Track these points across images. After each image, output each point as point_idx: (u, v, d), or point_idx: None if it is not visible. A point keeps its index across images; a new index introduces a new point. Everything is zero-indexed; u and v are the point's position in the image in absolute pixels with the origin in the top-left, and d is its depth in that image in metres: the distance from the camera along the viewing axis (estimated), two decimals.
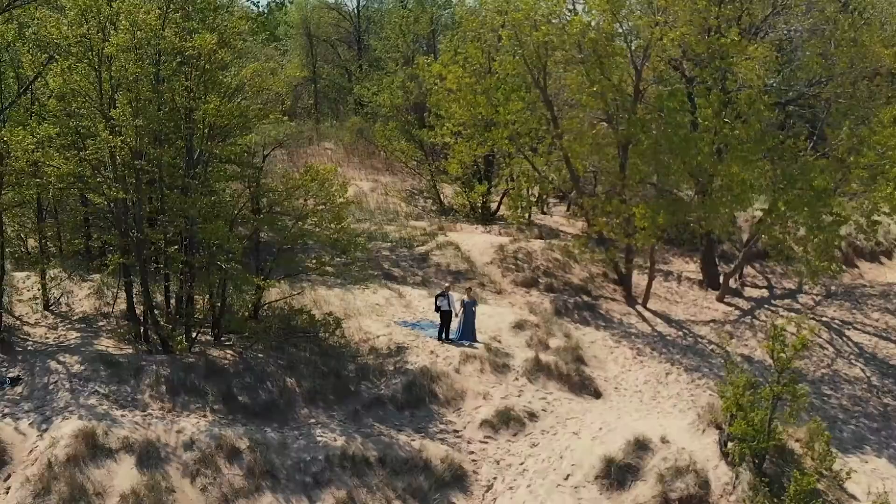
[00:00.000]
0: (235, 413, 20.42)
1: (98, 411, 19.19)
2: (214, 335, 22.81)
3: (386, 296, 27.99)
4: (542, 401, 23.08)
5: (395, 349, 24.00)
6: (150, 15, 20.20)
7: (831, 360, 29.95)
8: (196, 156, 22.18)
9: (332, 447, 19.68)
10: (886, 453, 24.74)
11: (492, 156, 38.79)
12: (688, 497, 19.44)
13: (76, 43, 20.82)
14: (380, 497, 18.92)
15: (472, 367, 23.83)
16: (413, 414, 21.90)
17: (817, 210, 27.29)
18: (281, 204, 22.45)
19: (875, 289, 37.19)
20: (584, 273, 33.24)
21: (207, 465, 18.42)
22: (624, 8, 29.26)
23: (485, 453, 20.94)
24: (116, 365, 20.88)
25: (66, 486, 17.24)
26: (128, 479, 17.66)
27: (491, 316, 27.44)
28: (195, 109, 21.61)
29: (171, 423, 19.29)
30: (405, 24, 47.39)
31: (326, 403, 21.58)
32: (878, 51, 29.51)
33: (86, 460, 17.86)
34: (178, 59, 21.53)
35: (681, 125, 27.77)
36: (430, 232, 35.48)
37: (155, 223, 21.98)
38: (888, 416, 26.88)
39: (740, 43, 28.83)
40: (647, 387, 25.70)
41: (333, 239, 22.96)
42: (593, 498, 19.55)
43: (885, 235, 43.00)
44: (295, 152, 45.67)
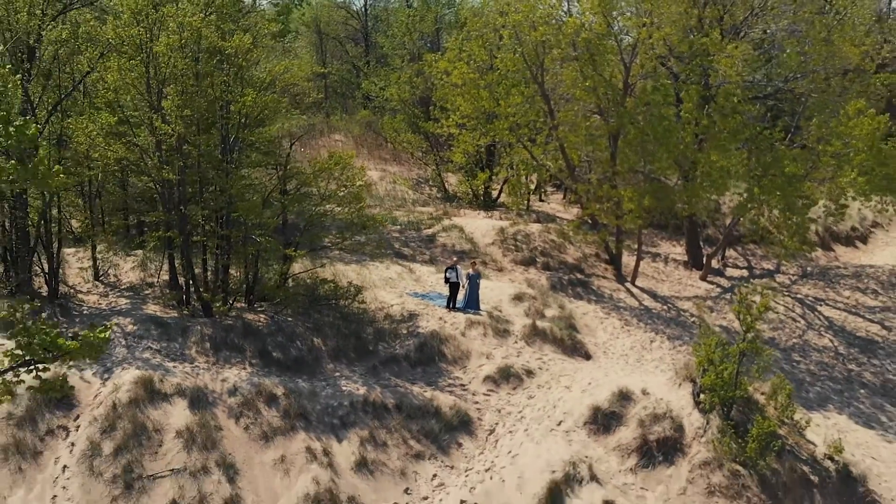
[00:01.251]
0: (270, 367, 23.33)
1: (152, 363, 22.11)
2: (248, 301, 25.71)
3: (398, 271, 30.90)
4: (538, 361, 25.99)
5: (407, 315, 26.91)
6: (195, 18, 23.01)
7: (802, 332, 32.87)
8: (231, 142, 25.03)
9: (355, 395, 22.60)
10: (847, 411, 27.71)
11: (493, 146, 41.63)
12: (664, 439, 22.34)
13: (129, 42, 23.63)
14: (397, 437, 21.83)
15: (477, 332, 26.75)
16: (424, 370, 24.81)
17: (789, 194, 30.12)
18: (308, 185, 25.29)
19: (848, 269, 40.12)
20: (578, 253, 36.13)
21: (249, 408, 21.32)
22: (615, 10, 32.03)
23: (488, 403, 23.86)
24: (165, 325, 23.79)
25: (129, 423, 20.13)
26: (181, 418, 20.56)
27: (492, 289, 30.33)
28: (231, 101, 24.45)
29: (216, 374, 22.21)
30: (411, 23, 50.11)
31: (349, 360, 24.50)
32: (848, 50, 32.31)
33: (145, 403, 20.76)
34: (218, 57, 24.32)
35: (664, 117, 30.60)
36: (435, 216, 38.34)
37: (196, 202, 24.80)
38: (851, 381, 29.82)
39: (720, 42, 31.69)
40: (632, 351, 28.62)
41: (354, 217, 25.76)
42: (582, 440, 22.45)
43: (862, 222, 46.00)
44: (307, 143, 48.49)
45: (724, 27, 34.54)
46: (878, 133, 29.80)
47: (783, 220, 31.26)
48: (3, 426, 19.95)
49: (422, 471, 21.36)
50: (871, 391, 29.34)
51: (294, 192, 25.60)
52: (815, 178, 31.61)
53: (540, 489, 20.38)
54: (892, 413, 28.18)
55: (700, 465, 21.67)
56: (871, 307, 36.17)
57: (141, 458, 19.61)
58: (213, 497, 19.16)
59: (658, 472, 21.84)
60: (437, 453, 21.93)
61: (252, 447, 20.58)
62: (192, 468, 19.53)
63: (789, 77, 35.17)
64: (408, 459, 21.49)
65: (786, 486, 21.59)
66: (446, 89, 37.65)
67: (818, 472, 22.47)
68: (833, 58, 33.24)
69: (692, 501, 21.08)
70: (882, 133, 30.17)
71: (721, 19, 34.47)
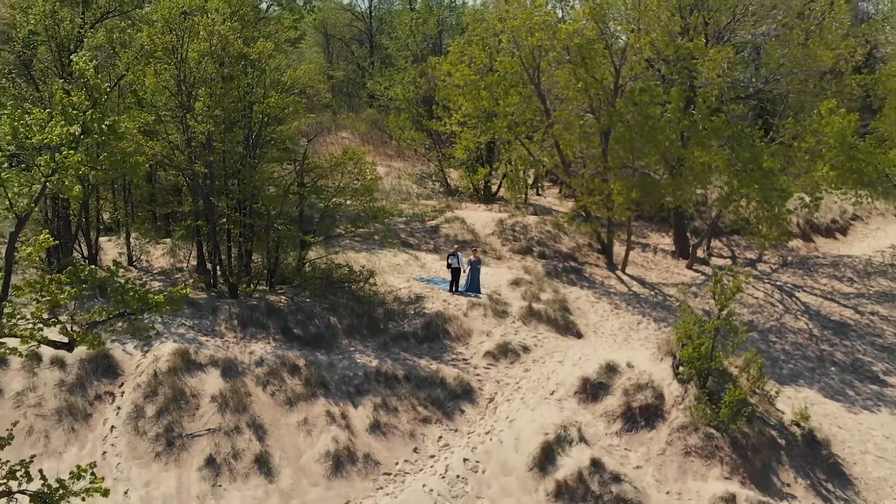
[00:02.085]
0: (292, 342, 25.84)
1: (187, 337, 24.62)
2: (269, 284, 28.21)
3: (405, 258, 33.42)
4: (533, 338, 28.50)
5: (414, 298, 29.42)
6: (224, 26, 25.49)
7: (780, 315, 35.38)
8: (254, 139, 27.53)
9: (368, 367, 25.13)
10: (816, 386, 30.21)
11: (493, 143, 44.10)
12: (646, 406, 24.86)
13: (162, 48, 26.11)
14: (406, 403, 24.35)
15: (477, 313, 29.26)
16: (430, 346, 27.33)
17: (765, 187, 32.61)
18: (324, 178, 27.77)
19: (827, 259, 42.68)
20: (572, 243, 38.64)
21: (274, 377, 23.84)
22: (605, 17, 34.50)
23: (488, 375, 26.38)
24: (196, 305, 26.30)
25: (169, 389, 22.65)
26: (215, 385, 23.08)
27: (492, 275, 32.83)
28: (254, 102, 26.94)
29: (243, 347, 24.72)
30: (414, 26, 52.54)
31: (362, 336, 27.02)
32: (821, 53, 34.78)
33: (182, 371, 23.27)
34: (242, 62, 26.80)
35: (651, 116, 33.08)
36: (439, 209, 40.84)
37: (223, 193, 27.29)
38: (823, 359, 32.32)
39: (704, 46, 34.18)
40: (620, 332, 31.13)
41: (366, 207, 28.25)
42: (572, 407, 24.95)
43: (842, 215, 48.50)
44: (315, 140, 50.92)
45: (708, 32, 37.02)
46: (849, 131, 32.28)
47: (761, 212, 33.74)
48: (57, 392, 22.47)
49: (429, 433, 23.87)
50: (841, 369, 31.84)
51: (311, 184, 28.07)
52: (790, 173, 34.06)
53: (534, 448, 22.88)
54: (859, 388, 30.68)
55: (678, 428, 24.18)
56: (846, 293, 38.70)
57: (180, 419, 22.13)
58: (245, 453, 21.67)
59: (640, 435, 24.36)
60: (443, 418, 24.45)
61: (278, 411, 23.10)
62: (225, 428, 22.05)
63: (769, 78, 37.65)
64: (416, 423, 24.01)
65: (755, 447, 24.08)
66: (449, 90, 40.15)
67: (785, 436, 24.99)
68: (809, 60, 35.69)
69: (670, 461, 23.59)
70: (852, 131, 32.65)
71: (706, 24, 36.94)
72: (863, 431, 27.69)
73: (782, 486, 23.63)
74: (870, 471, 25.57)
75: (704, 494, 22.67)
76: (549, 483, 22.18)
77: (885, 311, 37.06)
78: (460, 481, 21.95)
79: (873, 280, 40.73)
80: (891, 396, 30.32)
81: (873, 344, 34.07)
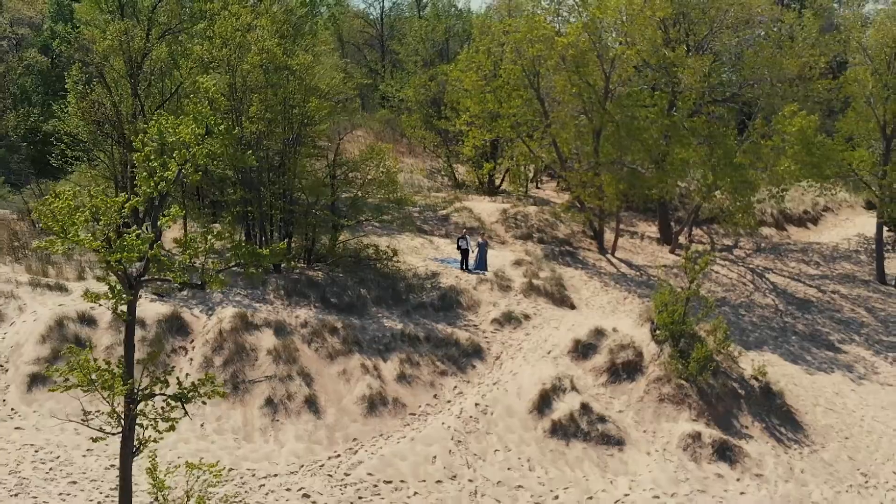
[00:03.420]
0: (329, 309, 30.57)
1: (244, 304, 29.37)
2: (307, 262, 32.91)
3: (420, 242, 38.17)
4: (533, 309, 33.24)
5: (430, 274, 34.15)
6: (271, 41, 30.18)
7: (750, 293, 40.14)
8: (294, 137, 32.22)
9: (394, 329, 29.87)
10: (778, 351, 34.94)
11: (497, 141, 48.79)
12: (628, 362, 29.59)
13: (219, 60, 30.80)
14: (427, 359, 29.09)
15: (485, 287, 34.00)
16: (445, 314, 32.06)
17: (736, 180, 37.33)
18: (356, 170, 32.45)
19: (797, 246, 47.46)
20: (568, 230, 43.38)
21: (317, 336, 28.57)
22: (597, 30, 39.21)
23: (494, 337, 31.12)
24: (248, 279, 31.00)
25: (232, 344, 27.38)
26: (269, 341, 27.82)
27: (497, 257, 37.54)
28: (295, 105, 31.61)
29: (290, 312, 29.46)
30: (424, 33, 57.10)
31: (387, 306, 31.74)
32: (787, 62, 39.49)
33: (241, 331, 28.01)
34: (285, 72, 31.47)
35: (636, 117, 37.79)
36: (448, 200, 45.56)
37: (270, 183, 31.95)
38: (785, 330, 37.06)
39: (683, 56, 38.89)
40: (608, 305, 35.88)
41: (390, 196, 32.90)
42: (566, 364, 29.68)
43: (814, 206, 53.26)
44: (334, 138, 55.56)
45: (689, 42, 41.73)
46: (808, 130, 36.97)
47: (733, 202, 38.46)
48: (140, 346, 27.12)
49: (446, 383, 28.62)
50: (801, 338, 36.60)
51: (343, 176, 32.75)
52: (758, 167, 38.76)
53: (534, 395, 27.61)
54: (815, 354, 35.44)
55: (654, 380, 28.93)
56: (812, 275, 43.48)
57: (243, 368, 26.86)
58: (297, 395, 26.42)
59: (622, 386, 29.11)
60: (457, 372, 29.20)
61: (321, 363, 27.86)
62: (280, 375, 26.81)
63: (743, 83, 42.37)
64: (435, 375, 28.76)
65: (718, 396, 28.82)
66: (458, 93, 44.87)
67: (745, 388, 29.75)
68: (776, 67, 40.40)
69: (647, 406, 28.34)
70: (812, 130, 37.34)
71: (687, 35, 41.65)
72: (816, 388, 32.46)
73: (741, 428, 28.35)
74: (819, 419, 30.30)
75: (675, 433, 27.40)
76: (545, 422, 26.91)
77: (845, 291, 41.83)
78: (473, 420, 26.68)
79: (837, 264, 45.51)
80: (843, 361, 35.09)
81: (832, 318, 38.84)
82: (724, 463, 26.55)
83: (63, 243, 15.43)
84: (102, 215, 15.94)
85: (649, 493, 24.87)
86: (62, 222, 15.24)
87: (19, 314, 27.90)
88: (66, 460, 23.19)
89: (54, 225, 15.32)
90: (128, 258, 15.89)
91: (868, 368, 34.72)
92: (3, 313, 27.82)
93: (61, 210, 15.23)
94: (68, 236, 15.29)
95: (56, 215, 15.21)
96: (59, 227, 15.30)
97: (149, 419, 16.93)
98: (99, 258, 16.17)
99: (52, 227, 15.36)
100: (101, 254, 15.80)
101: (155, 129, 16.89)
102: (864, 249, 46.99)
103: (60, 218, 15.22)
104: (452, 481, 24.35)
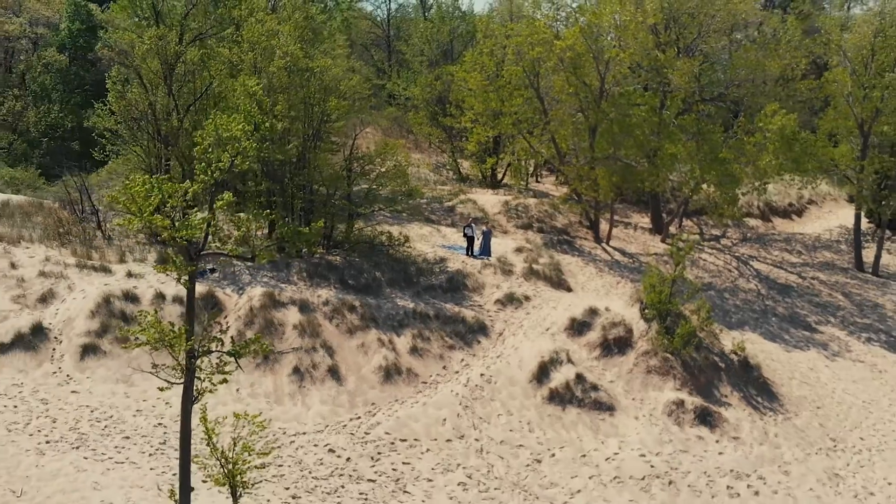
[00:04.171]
0: (348, 289, 33.58)
1: (270, 284, 32.39)
2: (326, 248, 35.90)
3: (428, 230, 41.18)
4: (533, 290, 36.24)
5: (438, 259, 37.14)
6: (296, 46, 33.11)
7: (735, 279, 43.14)
8: (314, 134, 35.18)
9: (407, 308, 32.89)
10: (758, 331, 37.94)
11: (499, 137, 51.75)
12: (619, 338, 32.59)
13: (247, 63, 33.75)
14: (436, 335, 32.10)
15: (489, 271, 36.99)
16: (453, 295, 35.06)
17: (720, 173, 40.32)
18: (371, 163, 35.42)
19: (781, 236, 50.45)
20: (565, 220, 46.38)
21: (337, 313, 31.58)
22: (592, 35, 42.17)
23: (498, 316, 34.13)
24: (274, 262, 34.02)
25: (262, 319, 30.39)
26: (295, 317, 30.84)
27: (499, 244, 40.52)
28: (314, 105, 34.55)
29: (312, 292, 32.47)
30: (430, 34, 59.96)
31: (400, 287, 34.74)
32: (769, 63, 42.48)
33: (269, 308, 31.02)
34: (306, 74, 34.42)
35: (628, 115, 40.76)
36: (453, 192, 48.55)
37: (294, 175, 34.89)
38: (766, 312, 40.07)
39: (673, 59, 41.86)
40: (602, 288, 38.89)
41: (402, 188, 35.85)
42: (563, 339, 32.67)
43: (799, 200, 56.23)
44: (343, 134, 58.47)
45: (679, 45, 44.69)
46: (788, 128, 39.96)
47: (718, 194, 41.47)
48: (178, 321, 30.12)
49: (454, 356, 31.63)
50: (780, 319, 39.61)
51: (360, 169, 35.74)
52: (742, 162, 41.75)
53: (533, 367, 30.62)
54: (793, 333, 38.45)
55: (642, 353, 31.95)
56: (794, 263, 46.49)
57: (272, 341, 29.84)
58: (321, 365, 29.44)
59: (614, 359, 32.14)
60: (464, 346, 32.21)
61: (342, 337, 30.87)
62: (305, 347, 29.82)
63: (729, 84, 45.35)
64: (444, 349, 31.78)
65: (701, 368, 31.83)
66: (463, 92, 47.84)
67: (725, 361, 32.78)
68: (759, 69, 43.37)
69: (636, 377, 31.36)
70: (792, 128, 40.33)
71: (677, 40, 44.61)
72: (792, 364, 35.50)
73: (721, 397, 31.38)
74: (793, 391, 33.33)
75: (660, 400, 30.42)
76: (544, 390, 29.94)
77: (824, 277, 44.85)
78: (478, 388, 29.71)
79: (819, 253, 48.53)
80: (819, 340, 38.13)
81: (810, 301, 41.86)
82: (704, 427, 29.57)
83: (139, 221, 18.42)
84: (169, 199, 18.89)
85: (636, 452, 27.90)
86: (140, 204, 18.21)
87: (69, 292, 30.92)
88: (119, 419, 26.22)
89: (132, 206, 18.28)
90: (189, 235, 18.89)
91: (842, 347, 37.72)
92: (54, 292, 30.85)
93: (139, 194, 18.19)
94: (143, 215, 18.26)
95: (135, 198, 18.16)
96: (136, 208, 18.27)
97: (205, 373, 19.92)
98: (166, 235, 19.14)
99: (131, 209, 18.32)
100: (168, 231, 18.79)
101: (211, 126, 19.85)
102: (845, 240, 49.97)
103: (138, 201, 18.19)
104: (460, 440, 27.40)
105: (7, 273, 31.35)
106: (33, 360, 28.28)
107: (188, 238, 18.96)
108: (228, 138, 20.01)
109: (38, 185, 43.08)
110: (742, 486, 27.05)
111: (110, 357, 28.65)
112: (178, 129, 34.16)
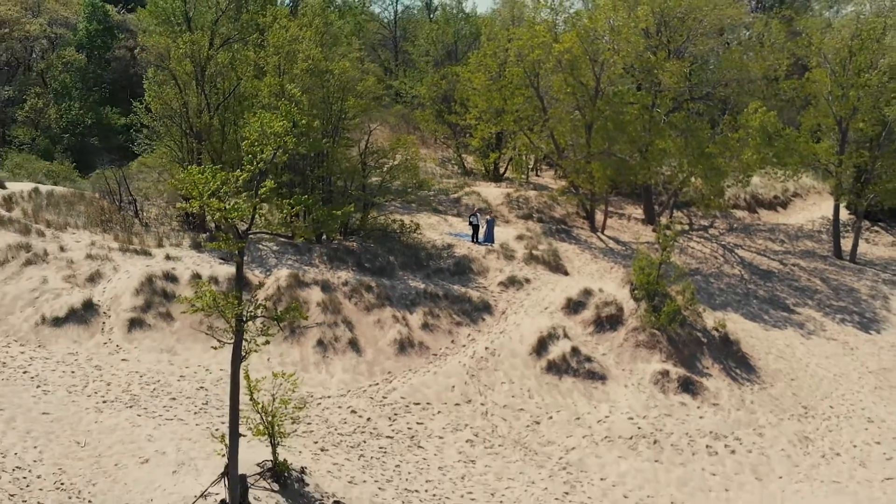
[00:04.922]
0: (364, 271, 36.90)
1: (294, 266, 35.72)
2: (343, 234, 39.21)
3: (436, 219, 44.51)
4: (533, 274, 39.56)
5: (446, 245, 40.46)
6: (317, 50, 36.37)
7: (720, 265, 46.43)
8: (333, 130, 38.45)
9: (418, 288, 36.22)
10: (740, 312, 41.19)
11: (501, 133, 55.04)
12: (610, 315, 35.91)
13: (271, 66, 37.02)
14: (445, 312, 35.43)
15: (493, 256, 40.32)
16: (459, 277, 38.38)
17: (706, 167, 43.62)
18: (385, 157, 38.69)
19: (766, 226, 53.73)
20: (563, 211, 49.70)
21: (355, 292, 34.91)
22: (588, 38, 45.44)
23: (501, 296, 37.45)
24: (296, 247, 37.36)
25: (288, 297, 33.72)
26: (318, 296, 34.15)
27: (502, 232, 43.83)
28: (333, 103, 37.80)
29: (333, 273, 35.81)
30: (435, 35, 63.17)
31: (412, 270, 38.07)
32: (752, 64, 45.76)
33: (294, 287, 34.34)
34: (326, 76, 37.67)
35: (622, 113, 44.05)
36: (459, 185, 51.86)
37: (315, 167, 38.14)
38: (748, 295, 43.35)
39: (663, 60, 45.15)
40: (597, 272, 42.21)
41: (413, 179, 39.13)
42: (560, 317, 35.98)
43: (784, 192, 59.51)
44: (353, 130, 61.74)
45: (670, 48, 47.95)
46: (768, 125, 43.26)
47: (705, 186, 44.78)
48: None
49: (461, 332, 34.96)
50: (761, 301, 42.90)
51: (375, 162, 39.02)
52: (726, 157, 45.04)
53: (533, 341, 33.92)
54: (772, 314, 41.72)
55: (632, 330, 35.25)
56: (776, 251, 49.79)
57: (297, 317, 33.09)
58: (341, 338, 32.77)
59: (606, 335, 35.46)
60: (470, 323, 35.53)
61: (360, 314, 34.20)
62: (328, 322, 33.15)
63: (716, 83, 48.64)
64: (452, 325, 35.11)
65: (685, 342, 35.13)
66: (467, 91, 51.15)
67: (707, 337, 36.08)
68: (743, 70, 46.66)
69: (625, 350, 34.68)
70: (772, 125, 43.62)
71: (668, 42, 47.87)
72: (770, 341, 38.79)
73: (703, 368, 34.69)
74: (770, 364, 36.62)
75: (648, 371, 33.73)
76: (542, 362, 33.25)
77: (804, 264, 48.13)
78: (483, 360, 33.04)
79: (800, 241, 51.81)
80: (796, 320, 41.39)
81: (790, 286, 45.14)
82: (687, 394, 32.90)
83: (197, 203, 21.73)
84: (223, 186, 22.19)
85: (625, 415, 31.24)
86: (200, 190, 21.51)
87: (114, 273, 34.24)
88: (165, 383, 29.56)
89: (193, 191, 21.58)
90: (238, 216, 22.21)
91: (817, 326, 41.00)
92: (101, 272, 34.18)
93: (200, 181, 21.49)
94: (203, 198, 21.57)
95: (196, 184, 21.46)
96: (197, 192, 21.57)
97: (251, 334, 23.24)
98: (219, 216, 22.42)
99: (192, 193, 21.62)
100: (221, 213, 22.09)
101: (256, 123, 23.15)
102: (826, 230, 53.22)
103: (199, 187, 21.49)
104: (468, 404, 30.75)
105: (57, 255, 34.67)
106: (86, 332, 31.62)
107: (239, 217, 22.29)
108: (271, 134, 23.31)
109: (74, 178, 46.36)
110: (720, 445, 30.40)
111: (155, 330, 32.00)
112: (209, 126, 37.45)
